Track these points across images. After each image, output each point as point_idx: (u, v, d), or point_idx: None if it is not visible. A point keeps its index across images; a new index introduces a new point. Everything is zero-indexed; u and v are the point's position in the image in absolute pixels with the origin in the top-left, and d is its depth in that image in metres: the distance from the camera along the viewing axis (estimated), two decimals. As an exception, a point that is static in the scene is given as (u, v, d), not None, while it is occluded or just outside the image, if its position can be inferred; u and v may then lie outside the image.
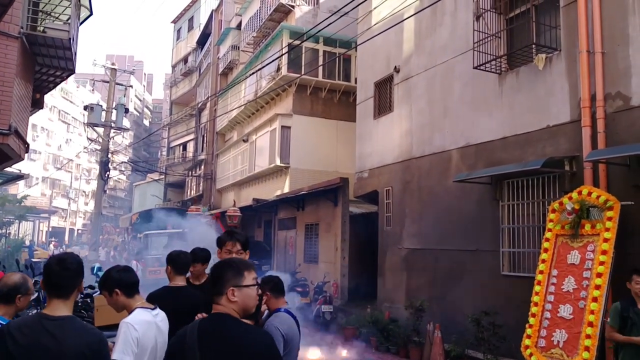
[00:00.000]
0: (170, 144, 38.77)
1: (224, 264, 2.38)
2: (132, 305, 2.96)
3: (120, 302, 2.98)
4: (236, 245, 3.64)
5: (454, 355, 8.58)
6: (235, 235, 3.70)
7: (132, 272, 3.08)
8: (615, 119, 6.94)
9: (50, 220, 47.50)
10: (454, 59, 9.81)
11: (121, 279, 2.98)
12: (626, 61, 6.87)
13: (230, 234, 3.77)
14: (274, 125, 18.91)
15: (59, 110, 53.29)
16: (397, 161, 11.45)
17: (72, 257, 2.51)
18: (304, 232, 16.72)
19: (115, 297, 2.97)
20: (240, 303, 2.26)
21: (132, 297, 2.98)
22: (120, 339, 2.75)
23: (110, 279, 2.99)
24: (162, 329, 3.01)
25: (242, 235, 3.68)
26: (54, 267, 2.41)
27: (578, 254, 6.80)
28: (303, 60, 18.23)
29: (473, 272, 8.99)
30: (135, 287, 3.02)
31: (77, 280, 2.47)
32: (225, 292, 2.25)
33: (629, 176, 6.70)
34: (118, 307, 3.02)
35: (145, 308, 2.96)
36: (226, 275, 2.29)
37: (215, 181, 27.16)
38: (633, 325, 4.86)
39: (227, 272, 2.31)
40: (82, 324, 2.44)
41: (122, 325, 2.80)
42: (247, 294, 2.28)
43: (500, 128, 8.73)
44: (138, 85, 74.57)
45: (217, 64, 28.58)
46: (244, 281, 2.29)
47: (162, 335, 2.99)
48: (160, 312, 3.05)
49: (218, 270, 2.34)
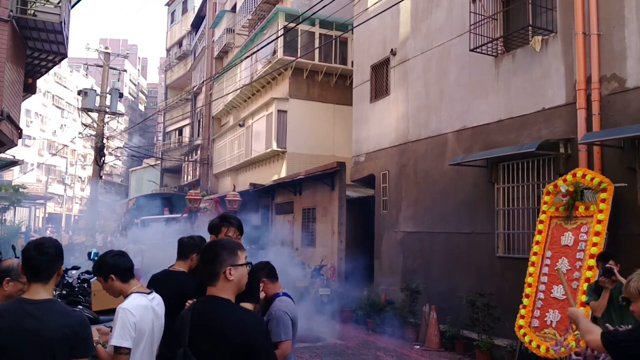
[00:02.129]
0: (165, 129, 38.61)
1: (217, 245, 2.40)
2: (127, 290, 2.94)
3: (116, 288, 2.96)
4: (230, 229, 3.55)
5: (449, 335, 8.71)
6: (229, 219, 3.60)
7: (127, 257, 3.05)
8: (610, 101, 6.97)
9: (47, 206, 47.43)
10: (451, 42, 9.79)
11: (116, 264, 2.96)
12: (622, 43, 6.88)
13: (224, 218, 3.65)
14: (270, 110, 18.85)
15: (52, 95, 52.85)
16: (394, 145, 11.47)
17: (50, 241, 2.49)
18: (301, 217, 16.77)
19: (111, 283, 2.95)
20: (236, 282, 2.31)
21: (127, 282, 2.96)
22: (118, 324, 2.75)
23: (104, 265, 2.97)
24: (159, 312, 3.00)
25: (236, 219, 3.64)
26: (32, 252, 2.40)
27: (572, 235, 6.88)
28: (299, 43, 18.12)
29: (468, 254, 9.07)
30: (130, 272, 3.00)
31: (56, 265, 2.44)
32: (223, 271, 2.29)
33: (623, 158, 6.75)
34: (114, 293, 3.00)
35: (141, 293, 2.94)
36: (222, 256, 2.32)
37: (212, 166, 27.13)
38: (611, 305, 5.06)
39: (222, 252, 2.33)
40: (62, 306, 2.42)
41: (119, 311, 2.79)
42: (242, 272, 2.35)
43: (496, 111, 8.74)
44: (132, 69, 74.02)
45: (212, 48, 28.36)
46: (239, 260, 2.35)
47: (158, 319, 2.99)
48: (156, 296, 3.04)
49: (212, 251, 2.36)
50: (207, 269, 2.33)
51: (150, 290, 3.03)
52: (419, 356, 8.41)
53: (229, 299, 2.30)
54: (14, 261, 3.24)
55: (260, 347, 2.21)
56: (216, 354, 2.16)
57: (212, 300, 2.29)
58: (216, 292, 2.29)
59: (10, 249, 6.88)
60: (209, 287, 2.32)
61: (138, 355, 2.82)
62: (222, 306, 2.27)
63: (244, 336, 2.18)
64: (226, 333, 2.18)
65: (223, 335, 2.18)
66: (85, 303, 7.00)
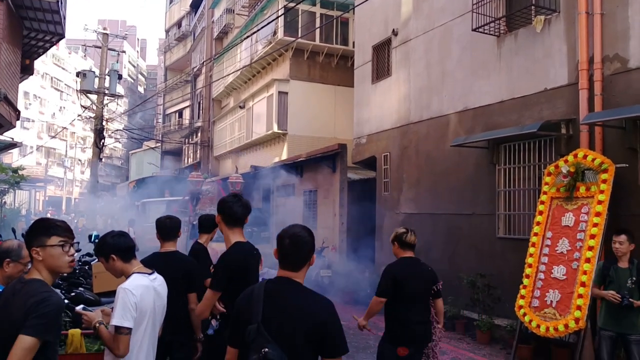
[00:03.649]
0: (165, 111, 38.49)
1: (307, 234, 2.49)
2: (129, 270, 2.96)
3: (118, 268, 2.98)
4: None
5: (450, 316, 8.78)
6: (240, 199, 3.63)
7: (128, 237, 3.07)
8: (613, 81, 6.93)
9: (47, 189, 47.48)
10: (453, 22, 9.70)
11: (116, 244, 2.97)
12: (625, 23, 6.82)
13: (236, 198, 3.67)
14: (271, 91, 18.77)
15: (51, 77, 52.56)
16: (395, 126, 11.44)
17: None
18: (302, 199, 16.80)
19: (112, 263, 2.97)
20: (307, 269, 2.48)
21: (129, 262, 2.98)
22: (119, 304, 2.76)
23: (105, 245, 2.99)
24: (161, 293, 3.02)
25: (243, 199, 3.66)
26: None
27: (572, 216, 6.90)
28: (300, 23, 17.96)
29: (469, 235, 9.11)
30: (132, 251, 3.01)
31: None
32: (310, 260, 2.46)
33: (624, 139, 6.74)
34: (116, 273, 3.02)
35: (142, 273, 2.96)
36: (311, 244, 2.47)
37: (213, 148, 27.10)
38: (611, 282, 5.15)
39: (311, 241, 2.48)
40: (39, 284, 2.38)
41: (120, 291, 2.80)
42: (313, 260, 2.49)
43: (498, 91, 8.71)
44: (132, 51, 73.47)
45: (212, 28, 28.13)
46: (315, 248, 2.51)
47: (160, 299, 3.00)
48: (158, 277, 3.05)
49: (302, 240, 2.46)
50: (296, 256, 2.43)
51: (152, 271, 3.04)
52: (420, 336, 8.49)
53: (301, 282, 2.43)
54: (14, 242, 3.27)
55: (335, 327, 2.33)
56: (291, 333, 2.26)
57: (288, 282, 2.41)
58: (293, 276, 2.42)
59: (11, 232, 6.90)
60: (285, 270, 2.43)
61: (140, 335, 2.84)
62: (297, 289, 2.40)
63: (320, 317, 2.30)
64: (303, 314, 2.30)
65: (299, 316, 2.30)
66: (86, 285, 7.05)
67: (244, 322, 2.35)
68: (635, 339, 4.96)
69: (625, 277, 5.06)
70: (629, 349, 4.99)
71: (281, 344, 2.22)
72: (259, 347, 2.21)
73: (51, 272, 2.47)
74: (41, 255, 2.43)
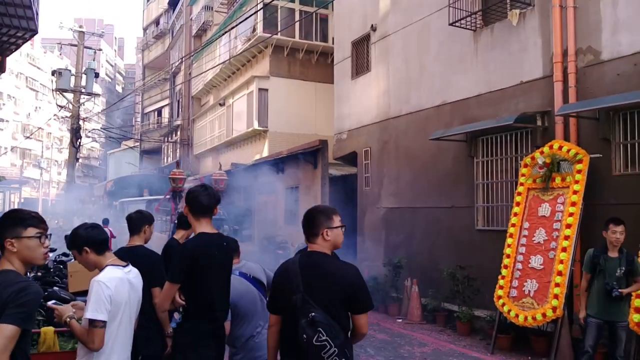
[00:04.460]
0: (144, 110, 38.06)
1: (316, 211, 2.87)
2: (102, 262, 2.90)
3: (91, 260, 2.92)
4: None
5: (431, 308, 8.88)
6: (207, 188, 3.57)
7: (101, 229, 3.01)
8: (586, 73, 7.06)
9: (22, 191, 46.64)
10: (430, 17, 9.77)
11: (89, 236, 2.91)
12: (597, 15, 6.95)
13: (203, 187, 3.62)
14: (251, 88, 18.68)
15: (26, 77, 51.67)
16: (375, 121, 11.49)
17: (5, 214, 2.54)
18: (284, 196, 16.77)
19: (85, 256, 2.91)
20: (332, 241, 2.80)
21: (102, 254, 2.92)
22: (93, 297, 2.70)
23: (78, 237, 2.93)
24: (135, 285, 2.97)
25: (211, 188, 3.59)
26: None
27: (548, 206, 7.02)
28: (279, 20, 17.92)
29: (449, 228, 9.20)
30: (105, 244, 2.95)
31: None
32: (320, 233, 2.78)
33: (598, 129, 6.87)
34: (89, 266, 2.96)
35: (116, 265, 2.91)
36: (319, 220, 2.80)
37: (193, 147, 26.90)
38: (600, 271, 5.21)
39: (320, 217, 2.82)
40: (13, 275, 2.35)
41: (93, 284, 2.74)
42: (337, 233, 2.82)
43: (475, 85, 8.80)
44: (109, 50, 72.53)
45: (190, 26, 27.90)
46: (334, 223, 2.81)
47: (135, 291, 2.95)
48: (133, 269, 3.00)
49: (312, 216, 2.84)
50: (308, 230, 2.82)
51: (126, 263, 2.99)
52: (401, 329, 8.57)
53: (328, 253, 2.79)
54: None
55: (362, 287, 2.73)
56: (329, 296, 2.65)
57: (316, 254, 2.77)
58: (317, 248, 2.79)
59: None
60: (310, 244, 2.81)
61: (115, 328, 2.79)
62: (326, 259, 2.77)
63: (350, 280, 2.70)
64: (336, 279, 2.68)
65: (333, 281, 2.68)
66: (61, 285, 6.94)
67: (282, 293, 2.74)
68: (622, 325, 5.12)
69: (615, 267, 5.12)
70: (616, 334, 5.11)
71: (323, 307, 2.61)
72: (307, 312, 2.60)
73: (25, 263, 2.43)
74: (16, 247, 2.39)
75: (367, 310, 2.75)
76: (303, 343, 2.60)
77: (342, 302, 2.69)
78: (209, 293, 3.25)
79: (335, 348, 2.58)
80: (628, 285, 5.10)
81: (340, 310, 2.69)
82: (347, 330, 2.73)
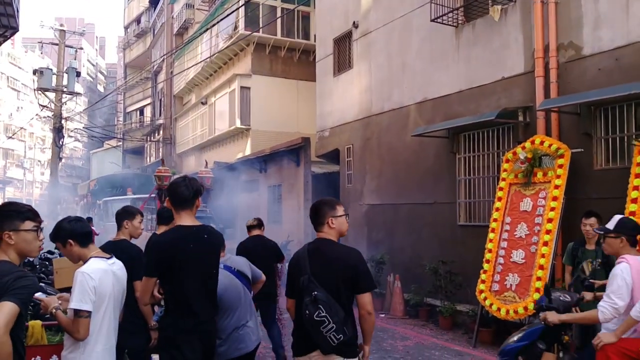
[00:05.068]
0: (126, 109, 37.69)
1: (322, 203, 3.19)
2: (87, 255, 2.94)
3: (75, 253, 2.96)
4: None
5: (413, 303, 8.87)
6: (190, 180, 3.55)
7: (84, 222, 3.03)
8: (568, 68, 7.07)
9: (5, 191, 45.98)
10: (412, 13, 9.74)
11: (73, 229, 2.95)
12: (578, 11, 6.96)
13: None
14: (233, 86, 18.56)
15: (7, 76, 50.96)
16: (358, 118, 11.45)
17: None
18: (267, 194, 16.68)
19: (69, 248, 2.94)
20: (337, 228, 3.14)
21: (86, 246, 2.96)
22: (77, 288, 2.74)
23: (62, 230, 2.96)
24: (119, 276, 3.00)
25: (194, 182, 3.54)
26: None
27: (530, 201, 7.02)
28: (261, 17, 17.81)
29: (431, 224, 9.18)
30: (89, 237, 2.99)
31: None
32: (326, 222, 3.11)
33: (579, 124, 6.88)
34: (73, 258, 3.00)
35: (100, 257, 2.95)
36: (324, 210, 3.14)
37: (175, 146, 26.68)
38: (578, 263, 5.31)
39: (324, 207, 3.15)
40: (9, 265, 2.40)
41: (78, 275, 2.77)
42: (341, 221, 3.15)
43: (457, 82, 8.79)
44: (90, 49, 71.72)
45: (172, 24, 27.66)
46: (338, 212, 3.14)
47: (119, 283, 2.99)
48: (117, 261, 3.04)
49: (318, 207, 3.17)
50: (316, 220, 3.15)
51: (110, 255, 3.02)
52: (384, 324, 8.53)
53: (334, 240, 3.13)
54: None
55: (363, 269, 3.06)
56: (333, 276, 2.97)
57: (322, 240, 3.12)
58: (324, 235, 3.13)
59: None
60: (318, 232, 3.15)
61: (99, 319, 2.83)
62: (331, 244, 3.11)
63: (352, 261, 3.03)
64: (339, 262, 3.01)
65: (337, 263, 3.00)
66: (47, 281, 6.89)
67: (296, 277, 3.07)
68: None
69: (592, 259, 5.18)
70: (594, 326, 5.12)
71: (326, 287, 2.93)
72: (310, 291, 2.92)
73: (20, 256, 2.50)
74: (14, 239, 2.45)
75: (368, 290, 3.02)
76: (305, 319, 2.91)
77: (345, 282, 2.98)
78: (185, 287, 3.17)
79: (333, 324, 2.85)
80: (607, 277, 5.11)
81: (342, 290, 2.97)
82: (348, 310, 2.98)
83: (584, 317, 3.96)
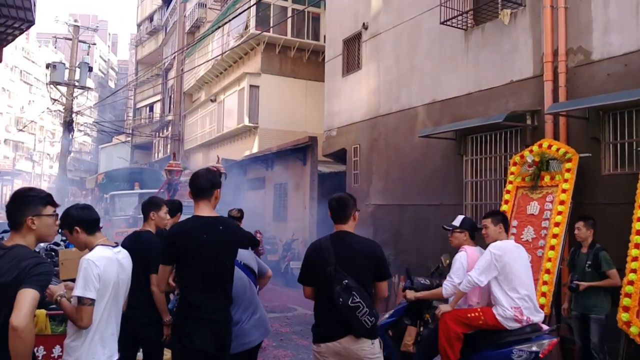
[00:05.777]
0: (136, 105, 37.93)
1: (347, 196, 3.45)
2: (93, 242, 2.94)
3: (82, 240, 2.96)
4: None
5: (418, 305, 8.84)
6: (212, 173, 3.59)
7: (92, 209, 3.04)
8: (577, 73, 7.05)
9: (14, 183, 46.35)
10: (422, 15, 9.75)
11: (80, 216, 2.95)
12: (588, 16, 6.94)
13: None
14: (242, 85, 18.63)
15: (20, 70, 51.36)
16: (365, 119, 11.47)
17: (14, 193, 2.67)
18: (273, 192, 16.73)
19: (76, 235, 2.95)
20: (356, 222, 3.42)
21: (93, 234, 2.96)
22: (81, 275, 2.73)
23: (69, 217, 2.97)
24: (125, 265, 3.00)
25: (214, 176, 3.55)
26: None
27: (537, 204, 7.00)
28: (272, 17, 17.88)
29: (437, 225, 9.15)
30: (96, 224, 2.99)
31: (23, 215, 2.57)
32: (352, 215, 3.38)
33: (587, 129, 6.86)
34: (80, 246, 3.01)
35: (106, 245, 2.94)
36: (351, 203, 3.39)
37: (183, 142, 26.80)
38: (574, 267, 5.49)
39: (351, 200, 3.43)
40: (27, 250, 2.46)
41: (83, 262, 2.77)
42: (358, 216, 3.43)
43: (465, 84, 8.79)
44: (103, 45, 72.19)
45: (184, 22, 27.81)
46: (357, 207, 3.44)
47: (124, 271, 2.98)
48: (122, 250, 3.04)
49: (344, 200, 3.42)
50: (342, 213, 3.38)
51: (116, 244, 3.03)
52: (387, 326, 8.52)
53: (353, 232, 3.38)
54: None
55: (384, 259, 3.37)
56: (358, 267, 3.22)
57: (345, 233, 3.35)
58: (346, 228, 3.37)
59: None
60: (340, 225, 3.38)
61: (103, 307, 2.81)
62: (352, 236, 3.35)
63: (374, 251, 3.34)
64: (363, 251, 3.30)
65: (361, 253, 3.28)
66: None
67: (315, 267, 3.31)
68: (595, 318, 5.26)
69: (583, 262, 5.35)
70: (589, 327, 5.28)
71: (353, 275, 3.17)
72: (340, 280, 3.15)
73: (38, 240, 2.56)
74: (36, 224, 2.50)
75: (387, 278, 3.37)
76: (340, 305, 3.11)
77: (369, 271, 3.26)
78: (197, 277, 3.20)
79: (367, 308, 3.12)
80: (602, 279, 5.26)
81: (367, 279, 3.24)
82: (372, 295, 3.28)
83: (432, 293, 4.79)
